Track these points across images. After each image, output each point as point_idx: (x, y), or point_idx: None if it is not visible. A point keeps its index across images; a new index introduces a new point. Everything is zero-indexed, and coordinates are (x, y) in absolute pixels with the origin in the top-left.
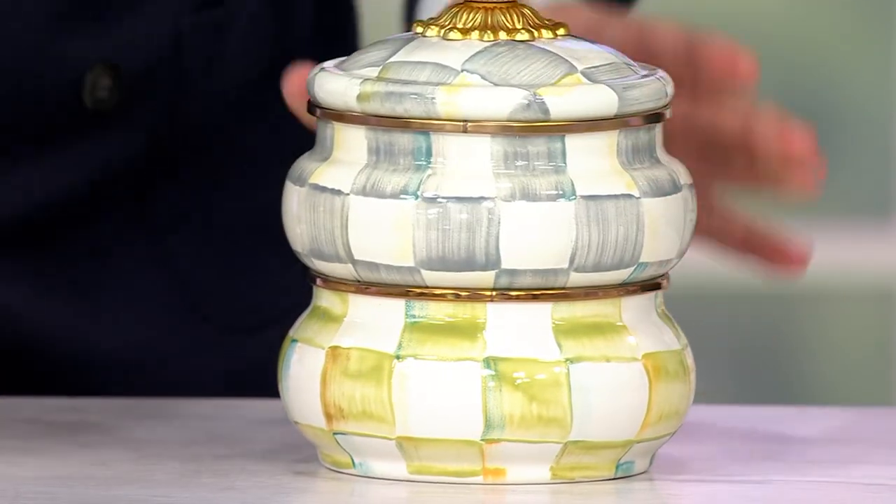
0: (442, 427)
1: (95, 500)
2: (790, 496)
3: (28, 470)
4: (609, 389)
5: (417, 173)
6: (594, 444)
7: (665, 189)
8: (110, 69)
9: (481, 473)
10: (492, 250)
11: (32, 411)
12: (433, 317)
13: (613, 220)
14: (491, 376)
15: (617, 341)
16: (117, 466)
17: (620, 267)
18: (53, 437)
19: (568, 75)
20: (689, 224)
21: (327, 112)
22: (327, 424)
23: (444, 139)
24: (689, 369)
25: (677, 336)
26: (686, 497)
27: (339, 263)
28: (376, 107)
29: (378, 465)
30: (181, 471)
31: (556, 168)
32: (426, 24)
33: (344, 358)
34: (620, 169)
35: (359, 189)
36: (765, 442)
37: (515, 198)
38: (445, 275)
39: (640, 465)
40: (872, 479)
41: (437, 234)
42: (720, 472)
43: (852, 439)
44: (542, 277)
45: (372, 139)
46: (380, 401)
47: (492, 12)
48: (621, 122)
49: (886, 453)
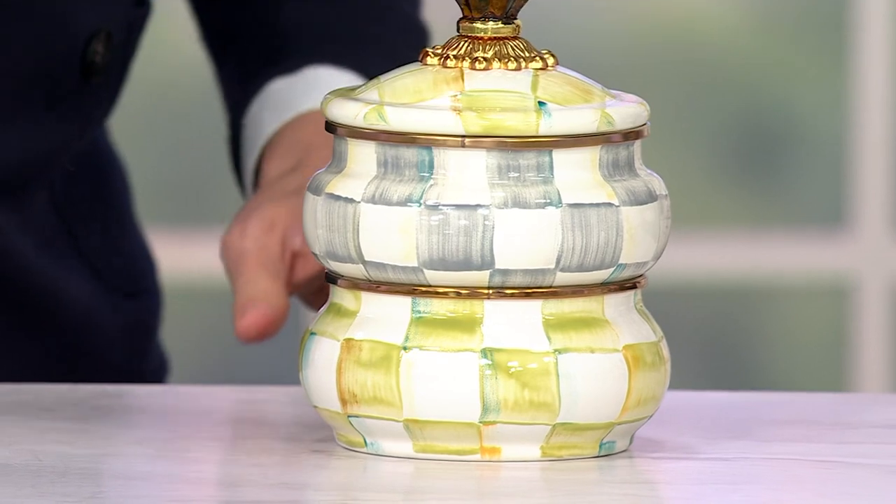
0: (444, 410)
1: (136, 475)
2: (753, 471)
3: (76, 448)
4: (593, 377)
5: (421, 184)
6: (580, 426)
7: (642, 199)
8: (105, 36)
9: (479, 452)
10: (487, 252)
11: (80, 396)
12: (436, 312)
13: (595, 226)
14: (488, 365)
15: (600, 334)
16: (155, 445)
17: (602, 268)
18: (99, 419)
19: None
20: (663, 230)
21: (342, 130)
22: (342, 408)
23: (445, 153)
24: (665, 359)
25: (654, 329)
26: (661, 473)
27: (352, 264)
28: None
29: (387, 445)
30: (211, 448)
31: (545, 179)
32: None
33: (357, 349)
34: (602, 180)
35: (369, 198)
36: (731, 424)
37: (508, 206)
38: (446, 274)
39: (621, 444)
40: (826, 456)
41: (439, 237)
42: (692, 450)
43: (808, 421)
44: (532, 277)
45: (380, 153)
46: (389, 387)
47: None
48: (603, 139)
49: (838, 434)
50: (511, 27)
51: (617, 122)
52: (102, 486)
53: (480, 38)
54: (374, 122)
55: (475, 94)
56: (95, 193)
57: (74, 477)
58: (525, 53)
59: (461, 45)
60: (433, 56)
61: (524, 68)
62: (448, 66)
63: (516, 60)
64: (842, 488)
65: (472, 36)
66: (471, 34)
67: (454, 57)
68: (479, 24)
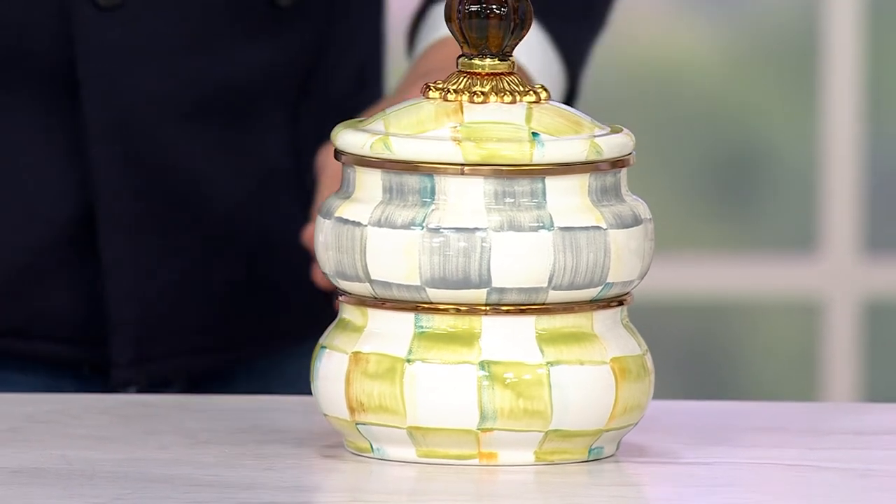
0: (445, 418)
1: (158, 478)
2: (731, 474)
3: (103, 453)
4: (583, 387)
5: (423, 208)
6: (570, 433)
7: (628, 222)
8: None
9: (477, 457)
10: (484, 272)
11: (107, 405)
12: (437, 327)
13: (585, 248)
14: (485, 377)
15: (589, 348)
16: (175, 451)
17: (591, 286)
18: (123, 426)
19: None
20: (648, 251)
21: (351, 158)
22: (350, 416)
23: (446, 180)
24: (649, 371)
25: (639, 343)
26: (646, 476)
27: (359, 283)
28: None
29: (392, 450)
30: (228, 454)
31: (538, 204)
32: (432, 86)
33: (364, 361)
34: (591, 205)
35: (375, 221)
36: (710, 431)
37: (504, 229)
38: (446, 292)
39: (609, 449)
40: (798, 460)
41: (440, 258)
42: (674, 455)
43: (780, 428)
44: (526, 295)
45: (386, 180)
46: (393, 397)
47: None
48: (592, 167)
49: (809, 439)
50: (507, 64)
51: (605, 151)
52: (127, 489)
53: (478, 73)
54: (380, 151)
55: (474, 126)
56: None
57: (101, 480)
58: (519, 88)
59: (461, 81)
60: (435, 90)
61: (519, 102)
62: (448, 100)
63: (511, 94)
64: (812, 489)
65: (471, 72)
66: (469, 70)
67: (454, 91)
68: (477, 61)
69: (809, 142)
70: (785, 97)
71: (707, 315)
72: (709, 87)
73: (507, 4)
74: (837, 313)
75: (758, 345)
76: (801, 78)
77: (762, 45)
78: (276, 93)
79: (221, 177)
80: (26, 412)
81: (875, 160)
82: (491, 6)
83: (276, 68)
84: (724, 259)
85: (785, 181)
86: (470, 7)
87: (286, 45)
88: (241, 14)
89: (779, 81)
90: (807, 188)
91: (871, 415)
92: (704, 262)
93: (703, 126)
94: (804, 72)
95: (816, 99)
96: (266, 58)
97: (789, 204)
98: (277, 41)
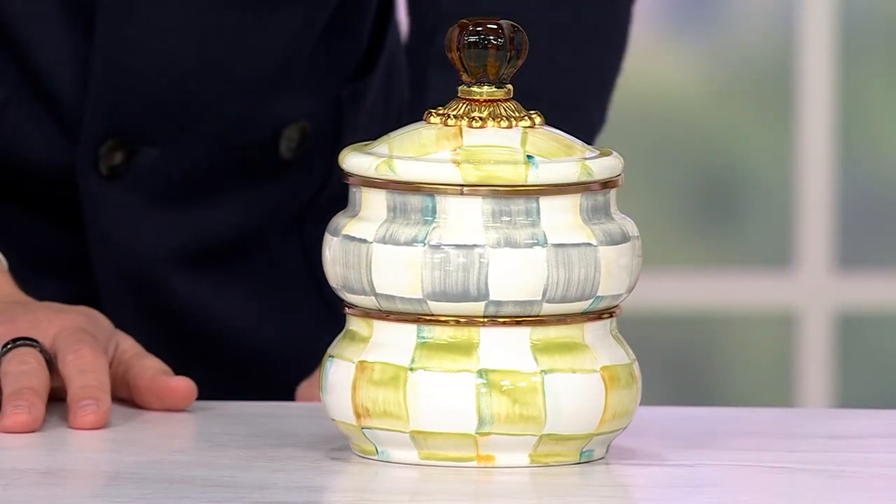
0: (445, 423)
1: (177, 478)
2: (714, 476)
3: (125, 455)
4: (575, 394)
5: (425, 226)
6: (563, 437)
7: (617, 239)
8: (300, 127)
9: (475, 459)
10: (482, 286)
11: (131, 412)
12: (438, 338)
13: (577, 263)
14: (483, 384)
15: (581, 357)
16: (193, 453)
17: (582, 299)
18: (144, 429)
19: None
20: (636, 267)
21: (357, 179)
22: (357, 421)
23: (446, 200)
24: (637, 378)
25: (627, 353)
26: (634, 478)
27: (365, 296)
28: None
29: (395, 453)
30: (243, 456)
31: (533, 222)
32: (433, 112)
33: (369, 370)
34: (582, 223)
35: (380, 238)
36: (694, 435)
37: (501, 245)
38: (447, 305)
39: (599, 452)
40: (776, 463)
41: (440, 273)
42: (660, 458)
43: (760, 433)
44: (522, 307)
45: (390, 200)
46: (397, 403)
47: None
48: (583, 188)
49: (786, 443)
50: (503, 91)
51: (595, 172)
52: (148, 489)
53: (477, 100)
54: (384, 172)
55: (472, 149)
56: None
57: (124, 480)
58: (516, 113)
59: (460, 106)
60: (436, 116)
61: (515, 126)
62: (449, 125)
63: (508, 119)
64: (790, 490)
65: (470, 98)
66: (468, 97)
67: (454, 116)
68: (475, 88)
69: (785, 165)
70: (762, 123)
71: (691, 326)
72: (691, 114)
73: (503, 35)
74: (811, 325)
75: (738, 354)
76: (776, 105)
77: (741, 75)
78: (281, 225)
79: (240, 312)
80: (55, 417)
81: (846, 182)
82: (489, 37)
83: (281, 207)
84: (706, 274)
85: (762, 202)
86: (469, 38)
87: (291, 188)
88: (245, 169)
89: (756, 109)
90: (783, 208)
91: (844, 420)
92: (688, 277)
93: (686, 150)
94: (780, 100)
95: (791, 125)
96: (271, 201)
97: (766, 223)
98: (283, 185)
